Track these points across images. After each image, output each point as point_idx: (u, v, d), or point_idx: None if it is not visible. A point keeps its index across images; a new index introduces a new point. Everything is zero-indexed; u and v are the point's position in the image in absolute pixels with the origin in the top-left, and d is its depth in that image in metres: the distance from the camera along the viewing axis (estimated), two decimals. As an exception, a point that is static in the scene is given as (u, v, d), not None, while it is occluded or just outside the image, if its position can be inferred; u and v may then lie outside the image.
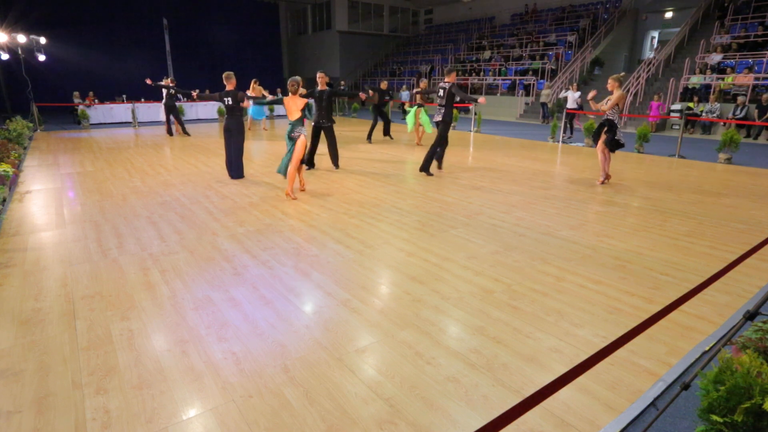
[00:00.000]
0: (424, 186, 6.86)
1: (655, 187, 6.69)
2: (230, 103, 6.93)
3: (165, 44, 23.84)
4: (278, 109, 18.97)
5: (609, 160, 6.89)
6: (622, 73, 7.82)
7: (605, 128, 6.68)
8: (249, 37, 26.34)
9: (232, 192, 6.41)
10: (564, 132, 12.49)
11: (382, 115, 12.19)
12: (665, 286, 3.52)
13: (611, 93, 6.63)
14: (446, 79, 7.32)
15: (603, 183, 6.96)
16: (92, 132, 13.81)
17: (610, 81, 6.60)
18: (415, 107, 10.87)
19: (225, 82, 6.90)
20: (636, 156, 9.75)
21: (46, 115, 15.39)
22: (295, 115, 5.92)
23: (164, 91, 12.57)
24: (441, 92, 7.37)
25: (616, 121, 6.58)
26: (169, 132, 12.84)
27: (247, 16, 26.20)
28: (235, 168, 7.24)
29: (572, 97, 13.10)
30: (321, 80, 7.65)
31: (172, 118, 12.82)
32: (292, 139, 5.94)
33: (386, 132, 12.40)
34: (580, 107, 13.15)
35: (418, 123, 11.08)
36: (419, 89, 10.68)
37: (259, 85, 13.19)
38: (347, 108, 21.18)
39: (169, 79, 12.94)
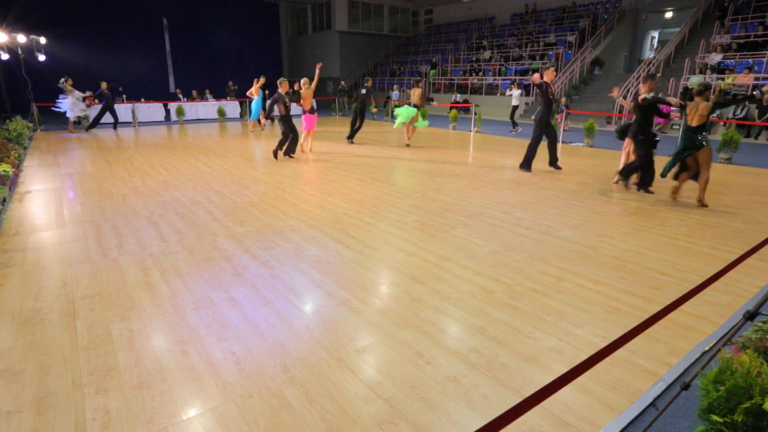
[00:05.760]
0: (424, 186, 6.86)
1: (655, 187, 6.67)
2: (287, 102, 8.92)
3: (165, 44, 23.89)
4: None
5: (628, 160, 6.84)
6: (658, 74, 7.78)
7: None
8: (249, 37, 26.32)
9: (232, 192, 6.42)
10: (514, 128, 13.94)
11: (362, 116, 11.50)
12: (665, 286, 3.52)
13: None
14: (545, 78, 7.55)
15: (617, 182, 6.94)
16: (92, 132, 13.81)
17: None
18: (410, 106, 10.82)
19: (279, 87, 8.87)
20: (636, 156, 9.74)
21: (46, 115, 15.39)
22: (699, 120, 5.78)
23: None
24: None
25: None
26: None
27: (247, 16, 26.18)
28: (293, 149, 9.19)
29: (515, 95, 14.05)
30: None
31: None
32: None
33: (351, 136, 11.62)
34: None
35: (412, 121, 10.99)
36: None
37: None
38: (347, 108, 21.18)
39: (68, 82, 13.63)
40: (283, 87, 8.83)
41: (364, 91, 11.41)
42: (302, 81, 9.36)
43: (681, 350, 2.67)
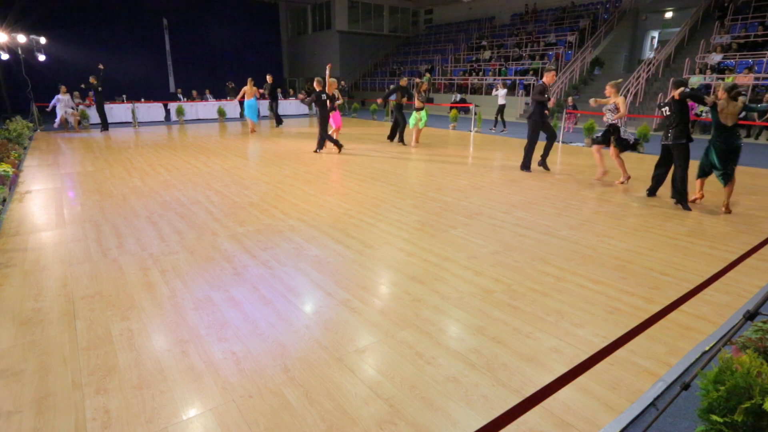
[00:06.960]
0: (424, 186, 6.86)
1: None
2: (318, 98, 9.52)
3: (165, 44, 23.89)
4: (282, 109, 18.92)
5: (623, 161, 7.02)
6: (620, 80, 7.89)
7: (612, 134, 6.85)
8: (249, 37, 26.33)
9: (232, 192, 6.42)
10: (495, 126, 14.39)
11: (401, 114, 11.39)
12: (665, 286, 3.52)
13: (607, 97, 6.90)
14: (544, 79, 7.72)
15: (622, 183, 7.07)
16: (92, 132, 13.81)
17: (607, 87, 6.79)
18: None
19: (315, 85, 9.42)
20: (636, 156, 9.74)
21: (46, 115, 15.39)
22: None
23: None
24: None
25: (618, 124, 6.81)
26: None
27: (247, 16, 26.18)
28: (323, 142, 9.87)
29: (501, 94, 14.19)
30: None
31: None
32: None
33: (401, 136, 11.49)
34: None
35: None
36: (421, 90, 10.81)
37: (254, 85, 13.71)
38: (347, 108, 21.17)
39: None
40: (319, 85, 9.48)
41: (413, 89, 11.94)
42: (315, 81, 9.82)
43: (681, 350, 2.66)
